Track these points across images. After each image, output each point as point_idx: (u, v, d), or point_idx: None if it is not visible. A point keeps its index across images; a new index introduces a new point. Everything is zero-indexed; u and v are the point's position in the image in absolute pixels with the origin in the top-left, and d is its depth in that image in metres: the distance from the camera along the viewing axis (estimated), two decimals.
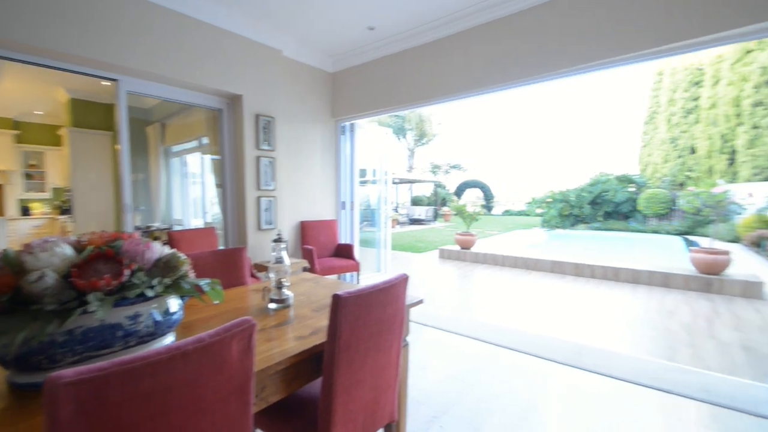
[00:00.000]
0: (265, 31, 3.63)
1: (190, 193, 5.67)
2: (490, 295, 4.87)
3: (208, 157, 4.69)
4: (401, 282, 1.28)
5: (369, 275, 5.05)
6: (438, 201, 21.58)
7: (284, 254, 1.60)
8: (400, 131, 24.46)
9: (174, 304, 1.04)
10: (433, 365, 2.66)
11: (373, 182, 5.38)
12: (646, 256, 7.13)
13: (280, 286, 1.57)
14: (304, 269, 3.82)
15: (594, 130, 27.73)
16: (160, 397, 0.67)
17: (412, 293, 1.59)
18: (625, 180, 13.41)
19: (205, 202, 5.31)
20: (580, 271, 5.91)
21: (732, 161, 12.00)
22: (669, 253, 7.83)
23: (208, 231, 3.69)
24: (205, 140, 4.40)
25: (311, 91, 4.40)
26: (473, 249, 7.57)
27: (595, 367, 2.61)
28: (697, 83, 14.15)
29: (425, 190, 23.52)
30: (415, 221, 17.49)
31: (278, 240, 1.60)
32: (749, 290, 4.55)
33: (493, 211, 23.66)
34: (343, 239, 4.86)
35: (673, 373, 2.53)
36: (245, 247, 2.54)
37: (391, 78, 4.01)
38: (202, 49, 3.22)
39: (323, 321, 1.41)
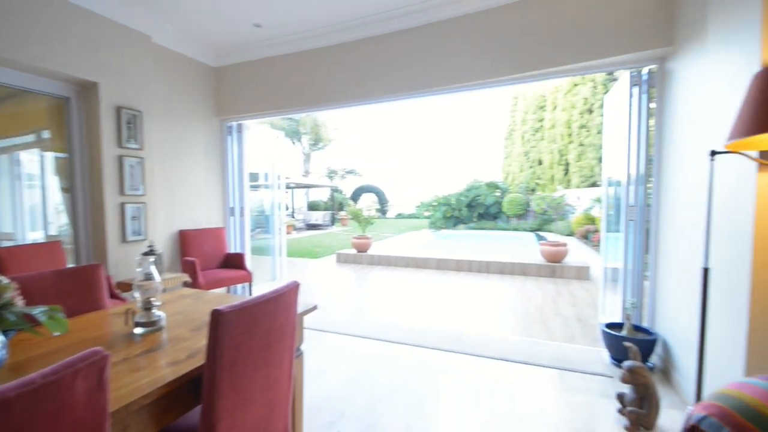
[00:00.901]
0: (132, 13, 3.14)
1: (25, 199, 4.52)
2: (385, 295, 5.09)
3: (50, 155, 3.82)
4: (292, 290, 1.25)
5: (263, 285, 4.77)
6: (335, 206, 21.65)
7: (153, 269, 1.40)
8: (294, 135, 23.82)
9: None
10: (331, 370, 2.66)
11: (266, 187, 5.11)
12: (509, 251, 8.37)
13: (148, 306, 1.37)
14: (185, 284, 3.41)
15: (469, 141, 31.47)
16: None
17: (307, 300, 1.56)
18: (493, 186, 15.61)
19: (47, 211, 4.31)
20: (460, 266, 6.62)
21: (566, 171, 15.18)
22: (526, 247, 9.34)
23: (51, 246, 3.00)
24: (46, 134, 3.58)
25: (191, 86, 3.97)
26: (369, 252, 7.81)
27: (474, 350, 2.96)
28: (542, 107, 17.38)
29: (322, 195, 23.36)
30: (312, 226, 17.20)
31: (149, 253, 1.40)
32: (581, 273, 5.75)
33: (388, 215, 24.81)
34: (233, 248, 4.50)
35: (532, 347, 3.03)
36: (102, 263, 2.15)
37: (283, 79, 3.89)
38: (43, 24, 2.62)
39: (204, 341, 1.28)
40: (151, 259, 1.40)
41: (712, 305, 1.74)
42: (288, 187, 18.37)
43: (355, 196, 24.93)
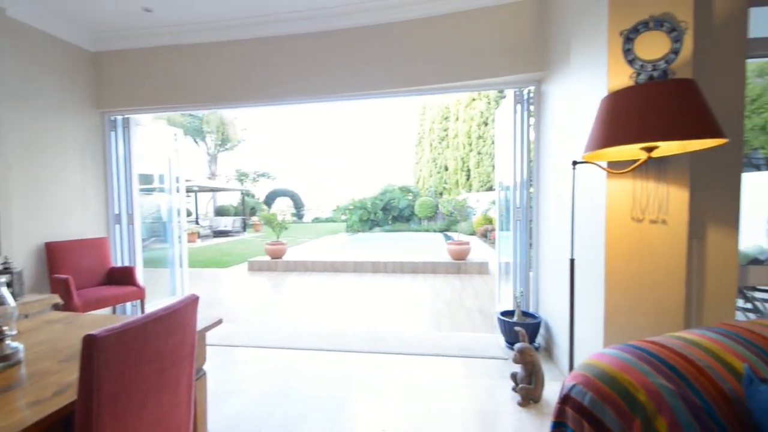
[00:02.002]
0: None
1: None
2: (302, 302, 4.96)
3: None
4: (189, 305, 1.14)
5: (159, 301, 4.24)
6: (246, 210, 20.34)
7: (4, 291, 1.16)
8: (197, 133, 21.76)
9: None
10: (243, 387, 2.49)
11: (162, 190, 4.57)
12: (421, 251, 8.86)
13: (0, 337, 1.13)
14: (55, 307, 2.86)
15: (383, 147, 32.53)
16: None
17: (213, 314, 1.44)
18: (406, 190, 16.42)
19: None
20: (376, 268, 6.79)
21: (468, 177, 16.80)
22: (436, 246, 9.98)
23: None
24: None
25: (60, 72, 3.36)
26: (284, 258, 7.53)
27: (390, 348, 3.05)
28: (446, 118, 18.95)
29: (232, 199, 21.74)
30: (220, 233, 15.87)
31: (1, 271, 1.15)
32: (482, 269, 6.37)
33: (304, 219, 24.20)
34: (120, 261, 3.93)
35: (441, 340, 3.24)
36: None
37: (183, 72, 3.53)
38: None
39: (77, 373, 1.10)
40: (2, 279, 1.15)
41: (578, 291, 2.08)
42: (190, 191, 16.68)
43: (269, 200, 23.78)
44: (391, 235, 13.87)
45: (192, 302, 1.16)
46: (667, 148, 1.52)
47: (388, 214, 15.44)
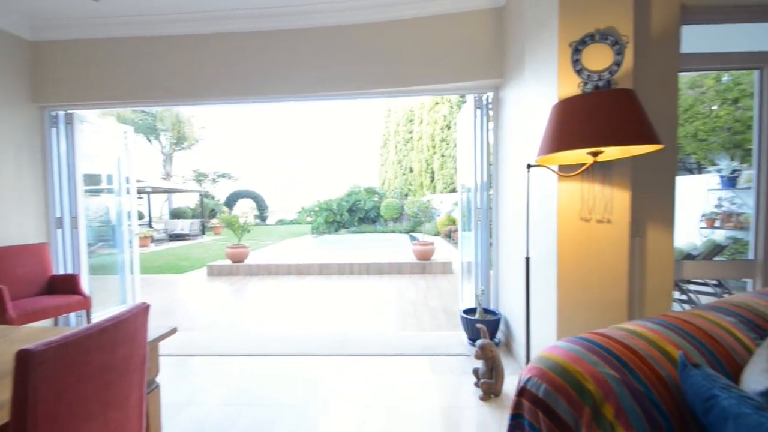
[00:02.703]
0: None
1: None
2: (266, 307, 4.82)
3: None
4: (138, 314, 1.08)
5: (108, 311, 3.96)
6: (206, 213, 19.46)
7: None
8: (150, 131, 20.52)
9: None
10: (202, 398, 2.38)
11: (110, 191, 4.27)
12: (387, 251, 8.92)
13: None
14: None
15: (348, 148, 32.43)
16: None
17: (168, 322, 1.37)
18: (371, 191, 16.47)
19: None
20: (342, 270, 6.75)
21: (433, 179, 17.15)
22: (401, 247, 10.08)
23: None
24: None
25: None
26: (247, 261, 7.28)
27: (355, 351, 3.04)
28: (411, 121, 19.26)
29: (189, 201, 20.71)
30: (176, 237, 15.07)
31: None
32: (446, 268, 6.52)
33: (268, 221, 23.55)
34: (62, 268, 3.62)
35: (407, 339, 3.28)
36: None
37: (132, 66, 3.32)
38: None
39: (9, 392, 1.00)
40: None
41: (534, 287, 2.18)
42: (142, 192, 15.71)
43: (230, 202, 22.91)
44: (358, 236, 13.85)
45: (142, 311, 1.10)
46: (610, 153, 1.64)
47: (354, 215, 15.41)
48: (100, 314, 3.67)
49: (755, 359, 1.12)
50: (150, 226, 15.62)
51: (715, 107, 6.09)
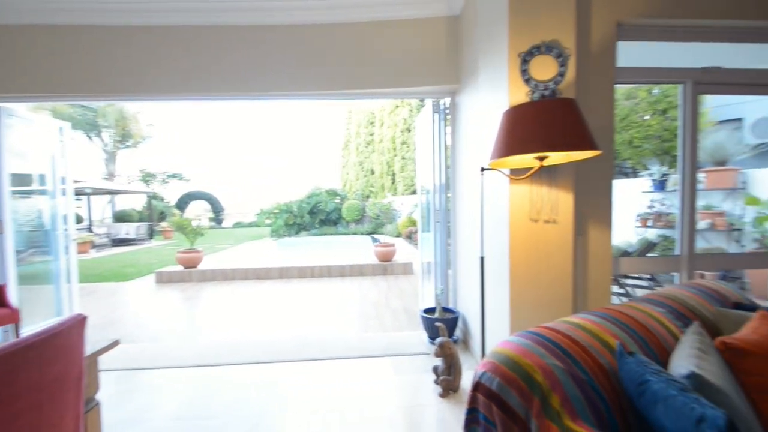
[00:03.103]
0: None
1: None
2: (222, 314, 4.61)
3: None
4: (73, 326, 0.99)
5: (40, 324, 3.59)
6: (154, 216, 18.25)
7: None
8: (91, 127, 18.91)
9: None
10: (150, 415, 2.22)
11: (43, 192, 3.88)
12: (349, 254, 8.87)
13: None
14: None
15: (309, 149, 31.92)
16: None
17: (109, 334, 1.27)
18: (333, 193, 16.32)
19: None
20: (303, 273, 6.62)
21: (394, 181, 17.37)
22: (363, 249, 10.08)
23: None
24: None
25: None
26: (200, 267, 6.93)
27: (316, 355, 2.99)
28: (372, 123, 19.31)
29: (135, 203, 19.31)
30: (120, 242, 13.99)
31: None
32: (407, 269, 6.61)
33: (224, 224, 22.57)
34: None
35: (368, 341, 3.28)
36: None
37: (70, 57, 3.04)
38: None
39: None
40: None
41: (489, 285, 2.27)
42: (81, 194, 14.45)
43: (182, 204, 21.68)
44: (319, 238, 13.65)
45: (77, 323, 1.01)
46: (555, 158, 1.75)
47: (316, 217, 15.18)
48: (30, 328, 3.32)
49: (681, 346, 1.24)
50: (90, 230, 14.39)
51: (647, 117, 6.71)
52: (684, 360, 1.14)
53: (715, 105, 7.33)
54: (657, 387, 0.97)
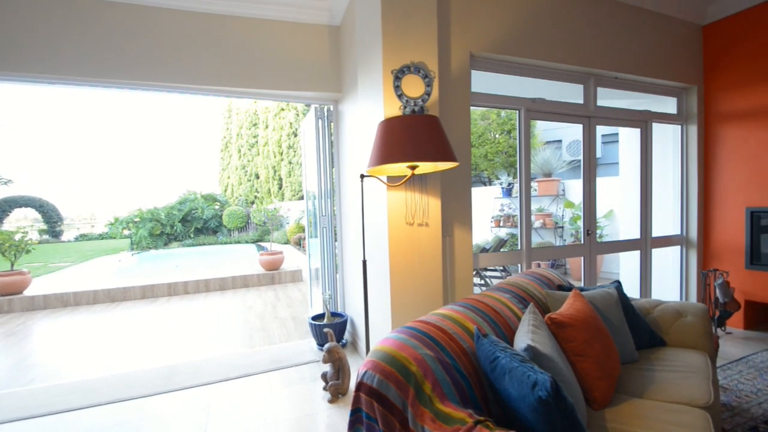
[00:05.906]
0: None
1: None
2: (58, 352, 3.71)
3: None
4: None
5: None
6: None
7: None
8: None
9: None
10: None
11: None
12: (231, 264, 8.19)
13: None
14: None
15: (180, 150, 28.32)
16: None
17: None
18: (211, 198, 14.80)
19: None
20: (173, 290, 5.83)
21: (281, 186, 16.66)
22: (248, 259, 9.43)
23: None
24: None
25: None
26: (26, 293, 5.46)
27: (188, 382, 2.67)
28: (255, 125, 18.21)
29: None
30: None
31: None
32: (295, 276, 6.43)
33: (63, 237, 18.24)
34: None
35: (252, 357, 3.08)
36: None
37: None
38: None
39: None
40: None
41: (372, 286, 2.39)
42: None
43: (0, 213, 16.73)
44: (194, 249, 12.19)
45: None
46: (424, 167, 1.95)
47: (190, 226, 13.48)
48: None
49: (521, 325, 1.51)
50: None
51: (497, 135, 8.04)
52: (523, 336, 1.39)
53: (543, 128, 9.37)
54: (504, 361, 1.16)
